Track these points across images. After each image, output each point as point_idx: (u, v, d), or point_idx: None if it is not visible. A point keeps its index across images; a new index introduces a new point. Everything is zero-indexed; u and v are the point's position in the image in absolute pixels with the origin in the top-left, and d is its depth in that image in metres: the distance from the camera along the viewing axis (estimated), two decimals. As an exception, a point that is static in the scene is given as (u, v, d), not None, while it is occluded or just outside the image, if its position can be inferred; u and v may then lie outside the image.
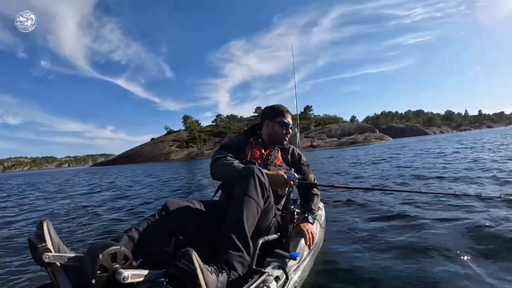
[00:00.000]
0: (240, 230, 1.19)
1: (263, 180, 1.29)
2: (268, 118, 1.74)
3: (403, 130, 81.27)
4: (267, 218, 1.42)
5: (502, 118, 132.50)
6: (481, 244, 2.00)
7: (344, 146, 45.94)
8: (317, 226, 1.86)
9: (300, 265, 1.45)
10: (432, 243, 2.06)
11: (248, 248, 1.20)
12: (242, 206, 1.22)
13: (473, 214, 2.64)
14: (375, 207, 3.33)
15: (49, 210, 5.44)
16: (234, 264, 1.14)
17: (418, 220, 2.65)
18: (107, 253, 0.97)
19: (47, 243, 0.95)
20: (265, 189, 1.30)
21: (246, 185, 1.26)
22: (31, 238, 0.98)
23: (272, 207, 1.43)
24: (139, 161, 63.55)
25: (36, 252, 0.94)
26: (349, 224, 2.75)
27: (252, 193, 1.25)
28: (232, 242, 1.17)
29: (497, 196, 2.69)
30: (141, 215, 3.90)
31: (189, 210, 1.39)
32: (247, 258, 1.19)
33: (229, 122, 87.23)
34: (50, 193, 9.15)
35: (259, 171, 1.30)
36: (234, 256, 1.15)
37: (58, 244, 1.00)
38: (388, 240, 2.25)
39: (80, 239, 2.92)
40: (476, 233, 2.19)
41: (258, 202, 1.26)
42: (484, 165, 6.09)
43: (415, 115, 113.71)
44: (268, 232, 1.46)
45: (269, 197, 1.35)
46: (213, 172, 1.56)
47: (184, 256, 0.97)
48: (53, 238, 0.99)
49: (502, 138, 18.05)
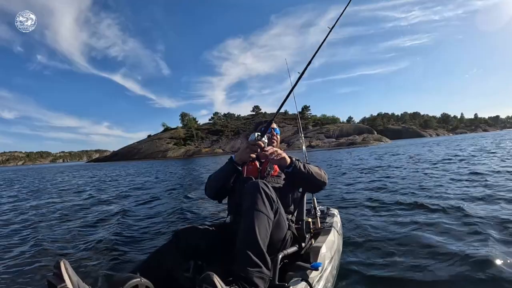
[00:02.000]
0: (255, 245, 1.18)
1: (269, 193, 1.30)
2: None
3: (400, 132, 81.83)
4: (281, 231, 1.41)
5: (497, 122, 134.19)
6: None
7: (343, 147, 46.13)
8: (335, 233, 1.86)
9: (323, 275, 1.44)
10: (456, 248, 2.07)
11: (266, 262, 1.19)
12: (253, 221, 1.21)
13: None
14: (392, 210, 3.37)
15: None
16: (254, 280, 1.12)
17: (440, 223, 2.67)
18: (128, 286, 0.96)
19: (67, 283, 0.94)
20: (272, 201, 1.30)
21: (253, 199, 1.26)
22: (50, 279, 0.96)
23: (284, 218, 1.42)
24: (136, 158, 63.23)
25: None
26: (367, 229, 2.75)
27: (261, 207, 1.25)
28: (249, 259, 1.15)
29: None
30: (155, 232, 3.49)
31: (202, 234, 1.40)
32: (267, 273, 1.18)
33: (226, 120, 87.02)
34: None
35: (264, 185, 1.31)
36: (254, 273, 1.13)
37: (77, 283, 0.99)
38: (408, 244, 2.26)
39: (93, 269, 2.43)
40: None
41: (268, 215, 1.26)
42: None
43: (411, 117, 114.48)
44: (286, 246, 1.46)
45: (278, 209, 1.35)
46: (207, 191, 1.65)
47: (206, 281, 0.96)
48: (72, 277, 0.98)
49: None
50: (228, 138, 73.12)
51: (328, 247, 1.63)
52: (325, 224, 1.98)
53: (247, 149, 1.47)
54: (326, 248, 1.60)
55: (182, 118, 79.70)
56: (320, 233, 1.80)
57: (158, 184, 9.26)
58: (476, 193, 3.89)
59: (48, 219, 4.50)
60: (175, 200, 5.70)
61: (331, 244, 1.71)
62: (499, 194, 3.71)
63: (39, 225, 4.04)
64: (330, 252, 1.64)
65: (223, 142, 71.47)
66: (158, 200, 5.89)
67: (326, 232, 1.82)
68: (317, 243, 1.63)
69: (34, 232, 3.64)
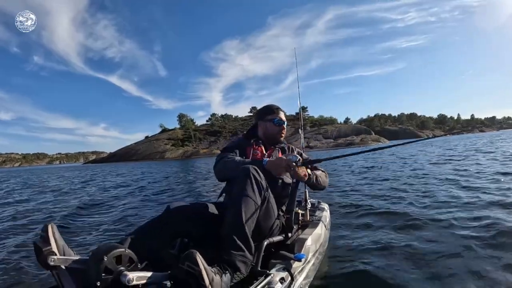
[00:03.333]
0: (240, 229, 1.19)
1: (259, 180, 1.30)
2: (260, 119, 1.77)
3: (397, 133, 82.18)
4: (269, 219, 1.42)
5: (493, 122, 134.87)
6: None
7: (341, 148, 46.11)
8: (322, 227, 1.87)
9: (305, 267, 1.45)
10: (440, 245, 2.08)
11: (250, 247, 1.20)
12: (241, 206, 1.22)
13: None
14: (382, 208, 3.36)
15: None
16: (236, 263, 1.14)
17: (424, 221, 2.66)
18: (112, 255, 0.96)
19: (52, 246, 0.95)
20: (261, 188, 1.30)
21: (243, 185, 1.27)
22: (36, 241, 0.96)
23: (273, 207, 1.43)
24: (134, 160, 62.98)
25: (41, 255, 0.93)
26: (355, 226, 2.75)
27: (249, 192, 1.26)
28: (233, 242, 1.17)
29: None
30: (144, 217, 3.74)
31: (193, 212, 1.38)
32: (249, 257, 1.19)
33: (224, 122, 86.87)
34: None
35: (255, 171, 1.31)
36: (236, 256, 1.15)
37: (63, 247, 0.99)
38: (393, 242, 2.25)
39: (84, 242, 2.76)
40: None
41: (256, 201, 1.27)
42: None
43: (408, 118, 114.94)
44: (272, 234, 1.47)
45: (268, 197, 1.36)
46: (216, 172, 1.59)
47: (189, 258, 0.97)
48: (58, 241, 0.98)
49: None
50: (226, 139, 72.97)
51: (314, 240, 1.64)
52: (314, 217, 2.00)
53: (283, 168, 1.43)
54: (312, 240, 1.61)
55: (180, 119, 79.44)
56: (308, 226, 1.81)
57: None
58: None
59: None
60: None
61: (317, 237, 1.72)
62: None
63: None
64: (315, 245, 1.65)
65: (221, 143, 71.28)
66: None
67: (314, 225, 1.83)
68: (304, 235, 1.64)
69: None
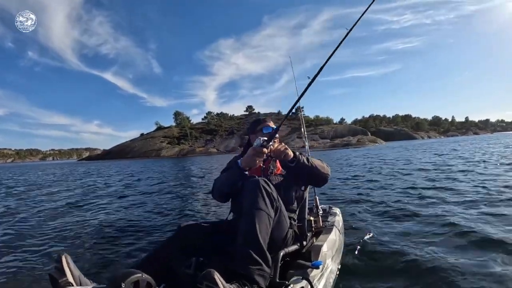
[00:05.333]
0: (255, 243, 1.18)
1: (270, 191, 1.30)
2: (251, 132, 1.76)
3: (392, 134, 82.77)
4: (282, 229, 1.41)
5: (487, 125, 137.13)
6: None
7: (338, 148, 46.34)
8: (336, 232, 1.85)
9: (324, 273, 1.43)
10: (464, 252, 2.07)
11: (266, 259, 1.19)
12: (254, 219, 1.21)
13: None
14: (394, 208, 3.37)
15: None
16: (255, 277, 1.12)
17: (445, 223, 2.65)
18: (129, 281, 0.96)
19: (68, 277, 0.96)
20: (273, 199, 1.30)
21: (254, 198, 1.26)
22: (52, 273, 0.97)
23: (285, 217, 1.42)
24: (129, 157, 62.63)
25: (57, 287, 0.94)
26: (368, 228, 2.74)
27: (261, 205, 1.25)
28: (249, 256, 1.15)
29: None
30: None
31: (204, 230, 1.40)
32: (267, 270, 1.18)
33: (220, 120, 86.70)
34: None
35: (265, 183, 1.31)
36: (254, 270, 1.14)
37: (79, 277, 1.00)
38: (410, 245, 2.24)
39: (95, 265, 2.39)
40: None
41: (269, 213, 1.26)
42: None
43: (403, 119, 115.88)
44: (287, 244, 1.46)
45: (279, 207, 1.35)
46: (214, 194, 1.60)
47: (207, 278, 0.96)
48: (73, 271, 0.99)
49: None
50: (222, 137, 73.02)
51: (329, 246, 1.63)
52: (327, 223, 1.98)
53: (254, 156, 1.41)
54: (327, 247, 1.59)
55: (176, 117, 79.25)
56: (321, 232, 1.79)
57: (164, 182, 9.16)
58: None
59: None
60: (176, 196, 5.73)
61: (333, 243, 1.70)
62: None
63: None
64: (331, 251, 1.63)
65: (217, 141, 71.37)
66: (158, 196, 5.92)
67: (328, 231, 1.81)
68: (319, 241, 1.62)
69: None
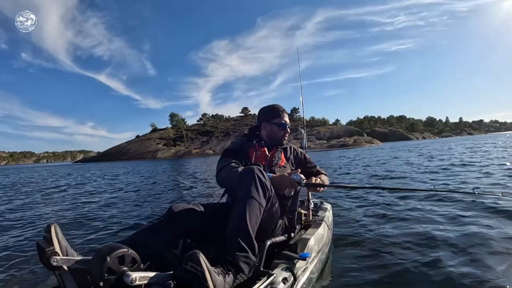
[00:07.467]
0: (244, 230, 1.19)
1: (264, 180, 1.29)
2: (265, 120, 1.73)
3: (387, 135, 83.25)
4: (272, 219, 1.42)
5: (481, 126, 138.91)
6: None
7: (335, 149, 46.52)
8: (325, 227, 1.87)
9: (308, 267, 1.44)
10: (445, 244, 2.10)
11: (253, 248, 1.20)
12: (245, 207, 1.22)
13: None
14: (384, 208, 3.36)
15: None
16: (240, 264, 1.14)
17: (427, 223, 2.66)
18: (114, 255, 0.95)
19: (55, 246, 0.95)
20: (266, 189, 1.30)
21: (247, 186, 1.26)
22: (39, 242, 0.97)
23: (277, 208, 1.43)
24: (125, 159, 62.07)
25: (43, 256, 0.93)
26: (357, 226, 2.75)
27: (254, 193, 1.25)
28: (237, 243, 1.17)
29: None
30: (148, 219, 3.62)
31: (195, 213, 1.38)
32: (253, 258, 1.19)
33: (215, 122, 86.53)
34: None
35: (259, 172, 1.30)
36: (240, 257, 1.15)
37: (66, 248, 0.99)
38: (396, 242, 2.25)
39: (87, 243, 2.65)
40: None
41: (260, 202, 1.26)
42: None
43: (397, 120, 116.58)
44: (275, 234, 1.47)
45: (271, 197, 1.35)
46: (219, 179, 1.56)
47: (192, 258, 0.97)
48: (61, 242, 0.98)
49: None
50: (218, 139, 72.80)
51: (317, 240, 1.64)
52: (317, 217, 2.00)
53: (287, 186, 1.42)
54: (315, 240, 1.61)
55: (172, 119, 78.87)
56: (310, 226, 1.81)
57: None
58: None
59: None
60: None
61: (320, 237, 1.72)
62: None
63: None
64: (318, 245, 1.65)
65: (214, 143, 71.10)
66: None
67: (317, 225, 1.82)
68: (306, 235, 1.63)
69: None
